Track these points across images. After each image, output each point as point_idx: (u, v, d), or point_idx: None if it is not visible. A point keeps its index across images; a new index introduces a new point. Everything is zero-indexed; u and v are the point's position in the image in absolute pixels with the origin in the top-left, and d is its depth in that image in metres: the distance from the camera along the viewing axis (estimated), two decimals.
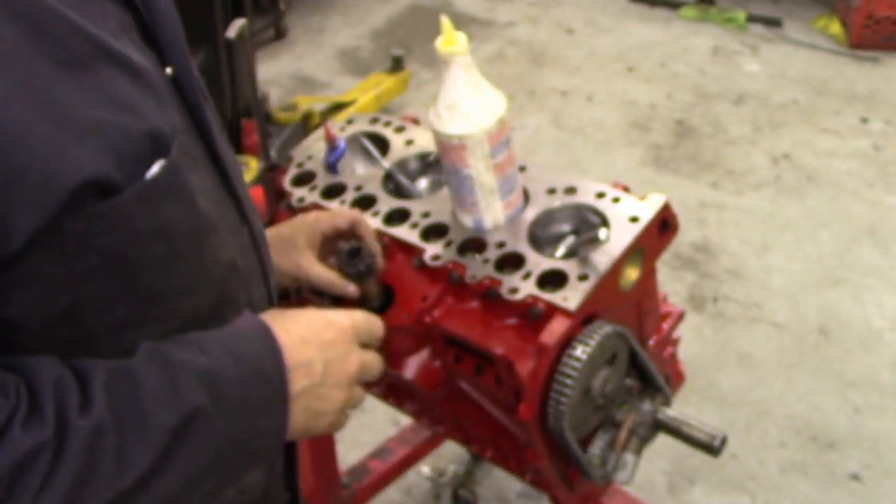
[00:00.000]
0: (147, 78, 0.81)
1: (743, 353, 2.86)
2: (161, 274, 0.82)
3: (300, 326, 0.91)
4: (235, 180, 0.99)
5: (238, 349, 0.85)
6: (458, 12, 5.35)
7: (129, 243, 0.78)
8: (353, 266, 1.25)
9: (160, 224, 0.80)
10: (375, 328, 1.02)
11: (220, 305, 0.91)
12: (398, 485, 2.39)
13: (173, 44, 0.90)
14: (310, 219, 1.30)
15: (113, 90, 0.77)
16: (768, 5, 5.37)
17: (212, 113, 1.00)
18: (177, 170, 0.81)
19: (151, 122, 0.79)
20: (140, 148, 0.78)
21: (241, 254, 0.96)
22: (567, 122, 4.21)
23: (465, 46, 1.18)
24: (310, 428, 0.92)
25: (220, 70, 3.29)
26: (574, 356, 1.15)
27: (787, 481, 2.44)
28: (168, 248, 0.82)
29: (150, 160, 0.79)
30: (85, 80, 0.75)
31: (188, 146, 0.86)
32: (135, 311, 0.82)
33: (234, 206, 0.98)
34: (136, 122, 0.78)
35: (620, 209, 1.30)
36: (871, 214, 3.53)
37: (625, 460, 1.30)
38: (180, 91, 0.90)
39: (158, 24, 0.89)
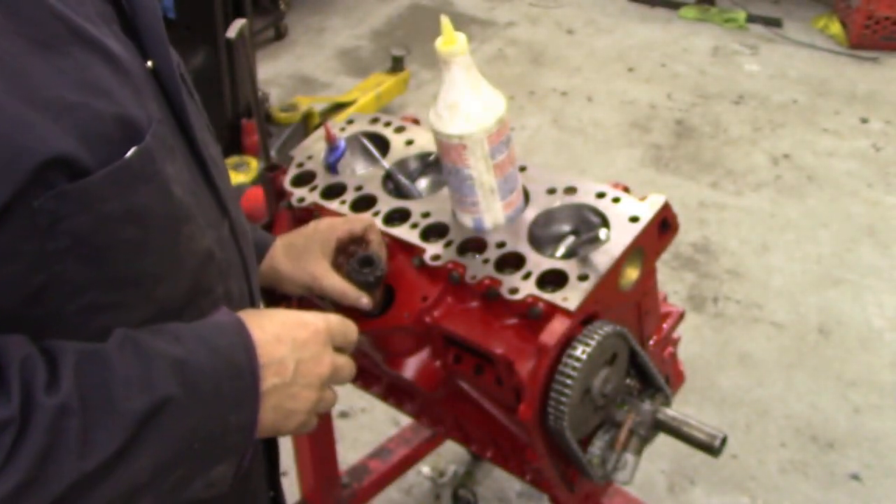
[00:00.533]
0: (125, 67, 0.82)
1: (743, 353, 2.86)
2: (133, 259, 0.83)
3: (275, 324, 0.92)
4: (217, 175, 1.00)
5: (213, 341, 0.85)
6: (458, 12, 5.35)
7: (100, 226, 0.78)
8: (365, 275, 1.25)
9: (132, 208, 0.81)
10: (350, 331, 1.01)
11: (195, 295, 0.92)
12: (398, 485, 2.39)
13: (154, 38, 0.91)
14: (323, 226, 1.30)
15: (87, 74, 0.78)
16: (768, 5, 5.37)
17: (196, 109, 1.01)
18: (151, 156, 0.82)
19: (126, 109, 0.80)
20: (113, 132, 0.78)
21: (219, 246, 0.97)
22: (567, 122, 4.21)
23: (465, 46, 1.18)
24: (278, 427, 0.92)
25: (220, 70, 3.29)
26: (574, 356, 1.15)
27: (787, 481, 2.44)
28: (141, 233, 0.82)
29: (124, 145, 0.79)
30: (58, 61, 0.76)
31: (165, 136, 0.86)
32: (107, 294, 0.82)
33: (214, 200, 0.98)
34: (110, 106, 0.78)
35: (620, 209, 1.30)
36: (871, 214, 3.53)
37: (625, 460, 1.30)
38: (161, 85, 0.91)
39: (139, 18, 0.90)
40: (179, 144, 0.92)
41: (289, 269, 1.29)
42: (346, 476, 2.16)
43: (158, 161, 0.83)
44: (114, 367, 0.76)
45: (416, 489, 2.45)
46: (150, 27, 0.91)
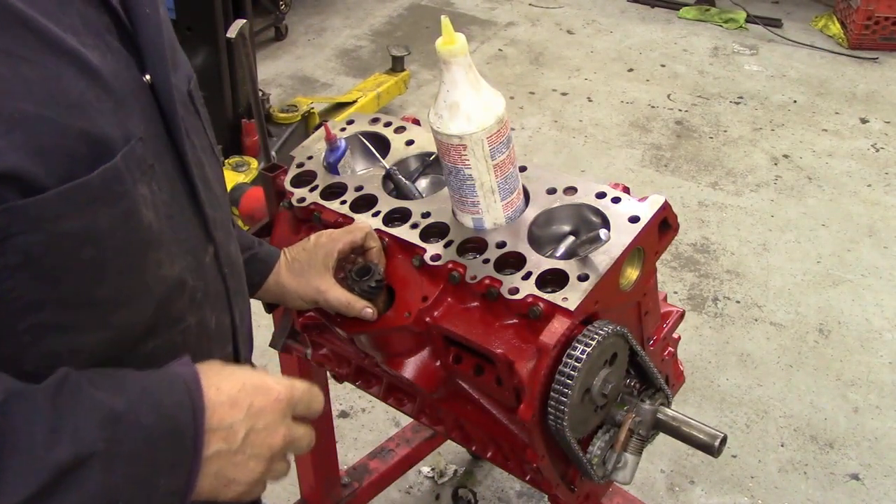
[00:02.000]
0: (106, 80, 0.79)
1: (743, 353, 2.86)
2: (90, 281, 0.80)
3: (233, 386, 0.86)
4: (207, 199, 0.96)
5: (159, 397, 0.80)
6: (458, 12, 5.35)
7: (54, 245, 0.75)
8: (364, 284, 1.27)
9: (91, 230, 0.77)
10: (315, 402, 0.95)
11: (160, 323, 0.89)
12: (398, 485, 2.39)
13: (153, 52, 0.88)
14: (325, 239, 1.30)
15: (56, 85, 0.74)
16: (768, 5, 5.37)
17: (199, 128, 0.98)
18: (118, 177, 0.78)
19: (98, 126, 0.77)
20: (77, 148, 0.75)
21: (195, 274, 0.93)
22: (567, 122, 4.22)
23: (465, 46, 1.18)
24: (216, 494, 0.85)
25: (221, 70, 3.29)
26: (574, 356, 1.15)
27: (787, 481, 2.44)
28: (98, 256, 0.79)
29: (90, 163, 0.76)
30: (23, 70, 0.72)
31: (146, 156, 0.83)
32: (60, 315, 0.79)
33: (199, 225, 0.95)
34: (77, 121, 0.75)
35: (620, 209, 1.29)
36: (871, 214, 3.53)
37: (625, 460, 1.30)
38: (158, 101, 0.88)
39: (139, 29, 0.87)
40: (166, 165, 0.89)
41: (294, 284, 1.30)
42: (346, 476, 2.16)
43: (128, 182, 0.80)
44: (42, 411, 0.72)
45: (416, 489, 2.45)
46: (151, 41, 0.88)
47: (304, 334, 1.61)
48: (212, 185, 0.99)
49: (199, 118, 1.00)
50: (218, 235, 0.99)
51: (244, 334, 1.11)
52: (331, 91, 4.51)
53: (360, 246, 1.31)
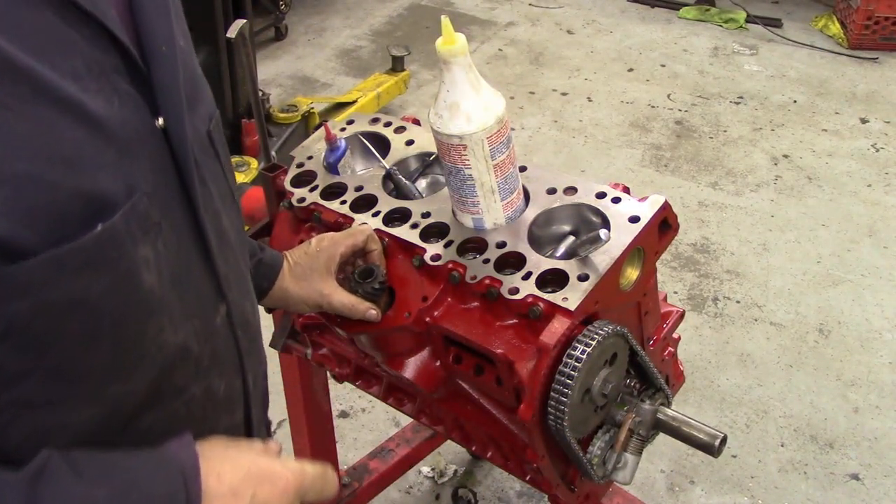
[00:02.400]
0: (109, 129, 0.72)
1: (743, 353, 2.86)
2: (80, 352, 0.73)
3: (236, 474, 0.79)
4: (220, 253, 0.89)
5: (148, 489, 0.73)
6: (458, 12, 5.35)
7: (39, 314, 0.69)
8: (368, 286, 1.27)
9: (80, 298, 0.71)
10: (328, 487, 0.89)
11: (160, 395, 0.82)
12: (398, 485, 2.39)
13: (168, 95, 0.80)
14: (326, 243, 1.30)
15: (49, 139, 0.67)
16: (768, 5, 5.37)
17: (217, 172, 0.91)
18: (116, 239, 0.72)
19: (96, 181, 0.70)
20: (70, 208, 0.68)
21: (201, 339, 0.86)
22: (567, 122, 4.22)
23: (465, 46, 1.18)
24: None
25: (221, 70, 3.29)
26: (574, 356, 1.15)
27: (787, 481, 2.44)
28: (89, 326, 0.72)
29: (85, 224, 0.69)
30: (10, 124, 0.65)
31: (151, 213, 0.76)
32: (46, 389, 0.72)
33: (211, 284, 0.88)
34: (71, 178, 0.68)
35: (620, 209, 1.29)
36: (871, 214, 3.53)
37: (625, 460, 1.30)
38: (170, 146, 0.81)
39: (152, 69, 0.79)
40: (175, 219, 0.82)
41: (297, 290, 1.29)
42: (346, 476, 2.16)
43: (128, 244, 0.73)
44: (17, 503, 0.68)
45: (416, 489, 2.45)
46: (165, 83, 0.80)
47: (304, 334, 1.61)
48: (227, 236, 0.92)
49: (218, 161, 0.93)
50: (231, 293, 0.92)
51: (258, 397, 1.03)
52: (331, 91, 4.51)
53: (362, 249, 1.31)
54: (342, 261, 1.30)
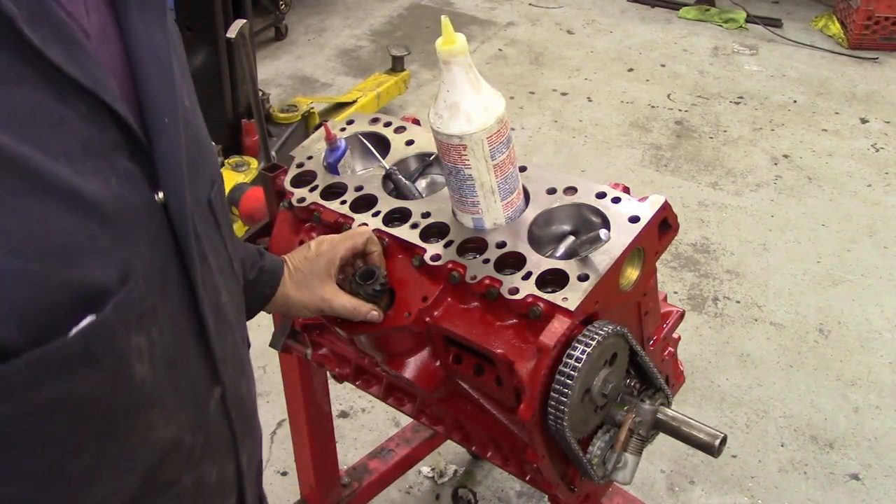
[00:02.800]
0: (103, 213, 0.68)
1: (743, 353, 2.86)
2: (61, 455, 0.68)
3: None
4: (217, 333, 0.84)
5: None
6: (458, 12, 5.35)
7: (20, 417, 0.64)
8: (369, 288, 1.27)
9: (65, 397, 0.66)
10: None
11: (147, 492, 0.78)
12: (398, 485, 2.39)
13: (170, 170, 0.76)
14: (325, 247, 1.29)
15: (37, 231, 0.63)
16: (768, 5, 5.37)
17: (218, 243, 0.88)
18: (107, 332, 0.67)
19: (88, 271, 0.66)
20: (59, 302, 0.64)
21: (194, 428, 0.82)
22: (567, 122, 4.22)
23: (465, 46, 1.18)
24: None
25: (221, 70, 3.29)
26: (574, 356, 1.15)
27: (787, 481, 2.44)
28: (74, 427, 0.68)
29: (74, 316, 0.65)
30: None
31: (147, 296, 0.72)
32: (22, 494, 0.68)
33: (205, 366, 0.84)
34: (61, 271, 0.64)
35: (620, 209, 1.29)
36: (871, 214, 3.53)
37: (625, 460, 1.30)
38: (170, 220, 0.77)
39: (154, 142, 0.75)
40: (172, 299, 0.77)
41: (298, 295, 1.29)
42: (346, 476, 2.16)
43: (119, 336, 0.69)
44: None
45: (416, 489, 2.45)
46: (167, 157, 0.76)
47: (304, 334, 1.61)
48: (225, 312, 0.88)
49: (218, 230, 0.89)
50: (227, 375, 0.87)
51: (252, 478, 1.00)
52: (331, 91, 4.51)
53: (361, 250, 1.31)
54: (342, 263, 1.30)
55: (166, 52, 0.78)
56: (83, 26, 0.71)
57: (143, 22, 0.76)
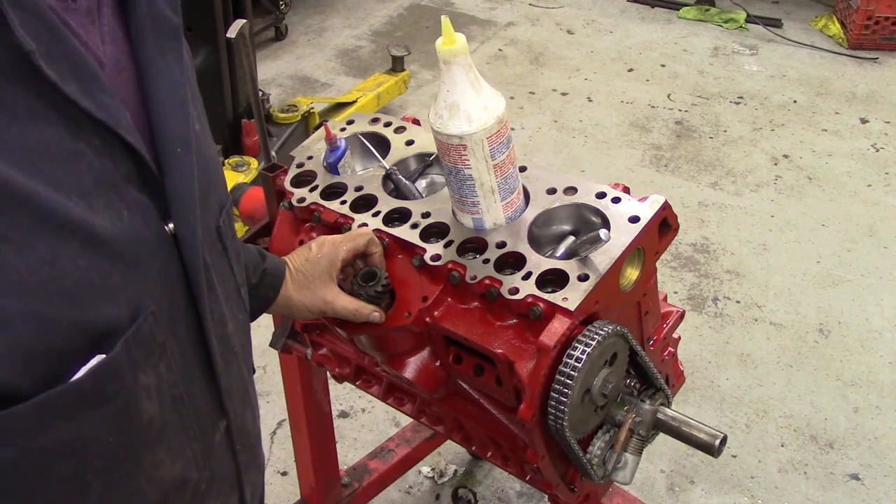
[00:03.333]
0: (115, 249, 0.67)
1: (743, 353, 2.86)
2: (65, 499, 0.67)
3: None
4: (223, 366, 0.83)
5: None
6: (458, 12, 5.35)
7: (25, 461, 0.63)
8: (371, 289, 1.28)
9: (72, 440, 0.65)
10: None
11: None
12: (398, 485, 2.39)
13: (181, 201, 0.75)
14: (326, 248, 1.29)
15: (49, 273, 0.62)
16: (768, 5, 5.37)
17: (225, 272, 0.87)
18: (115, 373, 0.66)
19: (97, 311, 0.65)
20: (67, 343, 0.63)
21: (200, 464, 0.81)
22: (567, 122, 4.21)
23: (465, 46, 1.18)
24: None
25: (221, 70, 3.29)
26: (574, 356, 1.15)
27: (787, 481, 2.44)
28: (79, 469, 0.66)
29: (81, 357, 0.64)
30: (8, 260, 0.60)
31: (156, 333, 0.71)
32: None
33: (212, 399, 0.83)
34: (72, 312, 0.63)
35: (620, 209, 1.29)
36: (871, 214, 3.53)
37: (625, 460, 1.30)
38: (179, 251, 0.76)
39: (166, 174, 0.75)
40: (180, 332, 0.77)
41: (300, 297, 1.29)
42: (346, 476, 2.16)
43: (127, 375, 0.68)
44: None
45: (416, 489, 2.45)
46: (179, 188, 0.75)
47: (304, 334, 1.61)
48: (231, 342, 0.87)
49: (226, 256, 0.88)
50: (233, 407, 0.87)
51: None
52: (331, 91, 4.51)
53: (362, 252, 1.31)
54: (343, 264, 1.29)
55: (181, 80, 0.77)
56: (98, 56, 0.70)
57: (158, 51, 0.76)
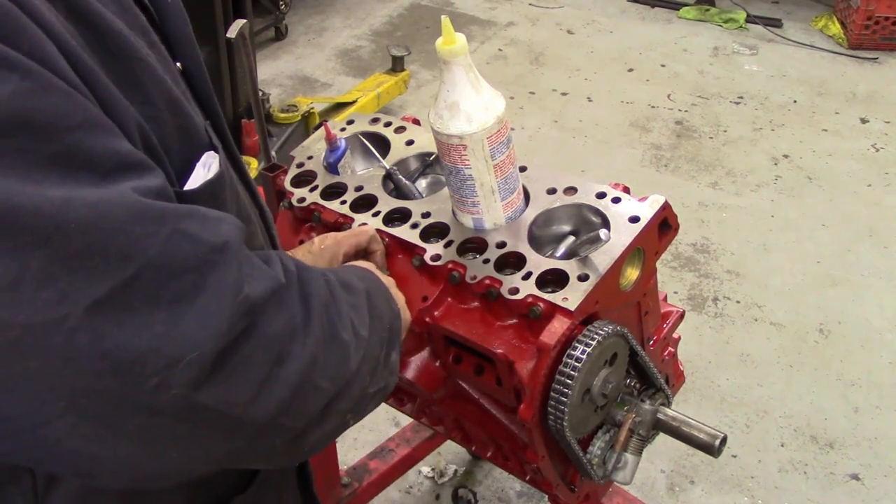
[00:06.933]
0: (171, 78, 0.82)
1: (743, 353, 2.86)
2: None
3: None
4: (245, 168, 1.01)
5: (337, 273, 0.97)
6: (458, 12, 5.35)
7: None
8: None
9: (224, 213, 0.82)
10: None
11: None
12: (398, 485, 2.39)
13: (182, 38, 0.90)
14: (329, 242, 1.30)
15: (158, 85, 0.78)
16: (768, 5, 5.38)
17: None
18: (223, 162, 0.83)
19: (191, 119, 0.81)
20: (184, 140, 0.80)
21: (263, 240, 1.01)
22: (567, 122, 4.21)
23: (465, 46, 1.18)
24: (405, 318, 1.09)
25: (221, 70, 3.29)
26: (574, 356, 1.15)
27: (787, 481, 2.44)
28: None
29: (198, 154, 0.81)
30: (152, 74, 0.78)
31: (215, 142, 0.86)
32: None
33: (248, 193, 1.00)
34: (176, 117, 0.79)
35: (621, 209, 1.29)
36: (871, 214, 3.53)
37: (625, 460, 1.30)
38: (190, 85, 0.90)
39: (166, 20, 0.89)
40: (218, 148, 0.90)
41: None
42: (346, 476, 2.16)
43: (223, 169, 0.83)
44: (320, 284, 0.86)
45: (416, 489, 2.45)
46: (178, 29, 0.90)
47: None
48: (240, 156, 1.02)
49: None
50: (260, 200, 1.06)
51: None
52: (331, 91, 4.51)
53: (364, 249, 1.31)
54: (345, 260, 1.30)
55: None
56: None
57: None
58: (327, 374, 0.81)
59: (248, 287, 0.72)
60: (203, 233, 0.70)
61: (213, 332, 0.68)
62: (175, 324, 0.67)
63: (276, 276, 0.77)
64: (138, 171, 0.69)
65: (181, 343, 0.67)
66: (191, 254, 0.69)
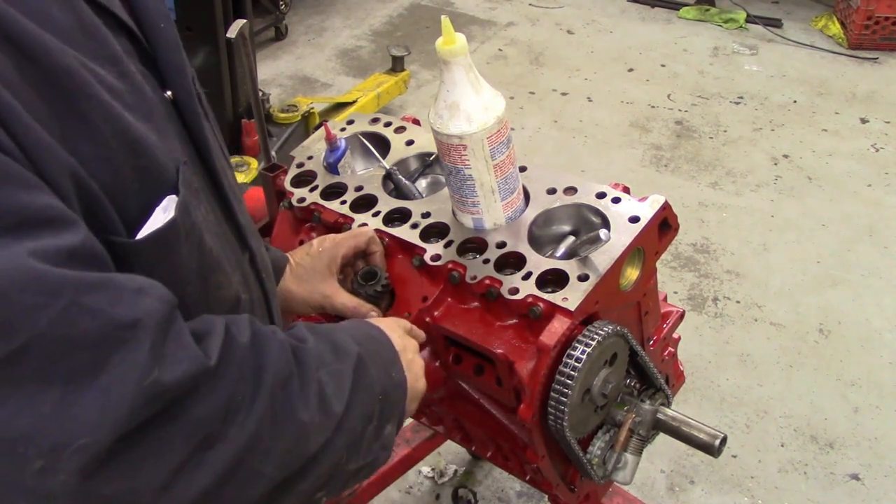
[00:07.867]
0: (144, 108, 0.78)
1: (743, 353, 2.86)
2: None
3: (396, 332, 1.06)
4: (237, 206, 0.96)
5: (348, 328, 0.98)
6: (458, 12, 5.35)
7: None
8: (371, 288, 1.28)
9: (175, 267, 0.78)
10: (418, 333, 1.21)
11: None
12: (398, 485, 2.39)
13: (173, 66, 0.86)
14: (328, 244, 1.30)
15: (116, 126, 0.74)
16: (768, 5, 5.38)
17: (213, 134, 0.97)
18: (187, 206, 0.78)
19: (152, 159, 0.77)
20: (143, 185, 0.75)
21: (243, 287, 0.94)
22: (567, 122, 4.21)
23: (465, 46, 1.18)
24: (413, 386, 1.03)
25: (221, 70, 3.29)
26: (574, 356, 1.15)
27: (787, 481, 2.44)
28: (180, 294, 0.75)
29: (158, 198, 0.77)
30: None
31: (193, 178, 0.83)
32: None
33: (235, 235, 0.96)
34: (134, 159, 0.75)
35: (620, 209, 1.29)
36: (871, 214, 3.53)
37: (625, 460, 1.30)
38: (180, 115, 0.87)
39: (156, 46, 0.85)
40: (203, 181, 0.88)
41: (299, 291, 1.30)
42: None
43: (192, 211, 0.80)
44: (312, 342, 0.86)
45: (416, 489, 2.45)
46: (169, 56, 0.86)
47: None
48: (236, 190, 0.98)
49: (208, 119, 0.97)
50: (252, 242, 1.00)
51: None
52: (331, 91, 4.51)
53: (363, 250, 1.31)
54: (344, 262, 1.30)
55: None
56: None
57: None
58: (272, 457, 0.75)
59: (161, 370, 0.66)
60: (109, 307, 0.64)
61: (111, 417, 0.63)
62: (68, 405, 0.61)
63: (201, 357, 0.70)
64: (51, 229, 0.63)
65: (72, 426, 0.62)
66: (90, 330, 0.63)
